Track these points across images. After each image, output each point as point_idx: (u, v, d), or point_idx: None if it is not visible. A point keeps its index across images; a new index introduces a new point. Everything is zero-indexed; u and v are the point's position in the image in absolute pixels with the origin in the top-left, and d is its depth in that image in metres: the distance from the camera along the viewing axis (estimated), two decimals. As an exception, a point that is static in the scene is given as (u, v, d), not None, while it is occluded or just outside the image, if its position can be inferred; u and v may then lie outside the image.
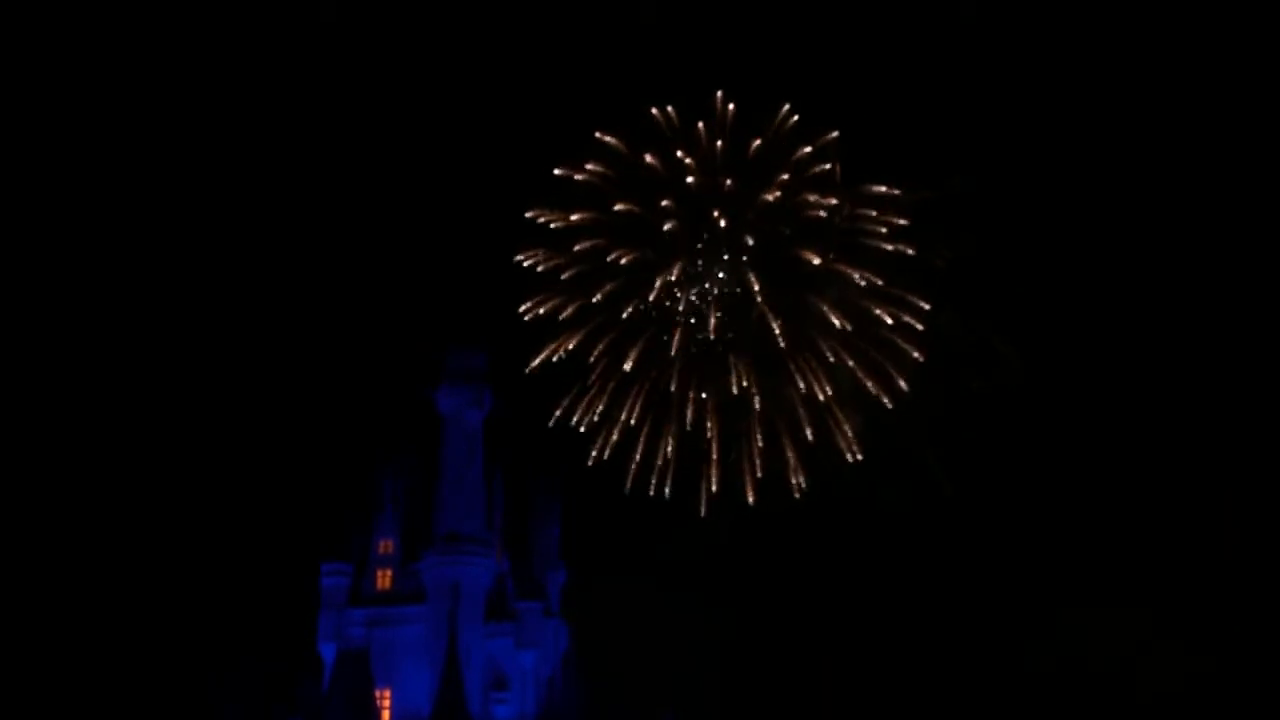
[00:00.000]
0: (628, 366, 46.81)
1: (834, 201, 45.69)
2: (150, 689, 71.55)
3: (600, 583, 74.25)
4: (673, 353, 46.39)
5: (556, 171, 46.87)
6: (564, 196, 47.14)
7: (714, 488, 47.70)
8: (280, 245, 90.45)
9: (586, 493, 69.26)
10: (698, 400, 47.01)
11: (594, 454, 48.89)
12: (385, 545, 72.97)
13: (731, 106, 45.75)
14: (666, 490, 48.26)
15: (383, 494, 73.87)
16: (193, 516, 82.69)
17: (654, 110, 46.13)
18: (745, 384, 46.18)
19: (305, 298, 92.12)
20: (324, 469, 74.68)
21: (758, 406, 46.73)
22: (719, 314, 46.23)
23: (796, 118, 45.77)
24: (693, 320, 46.56)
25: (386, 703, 69.24)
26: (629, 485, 48.66)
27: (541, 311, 47.95)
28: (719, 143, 45.58)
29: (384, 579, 72.37)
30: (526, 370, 49.13)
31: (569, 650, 72.82)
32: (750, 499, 47.71)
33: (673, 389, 46.83)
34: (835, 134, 46.05)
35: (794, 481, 47.62)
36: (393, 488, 74.16)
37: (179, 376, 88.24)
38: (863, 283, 45.78)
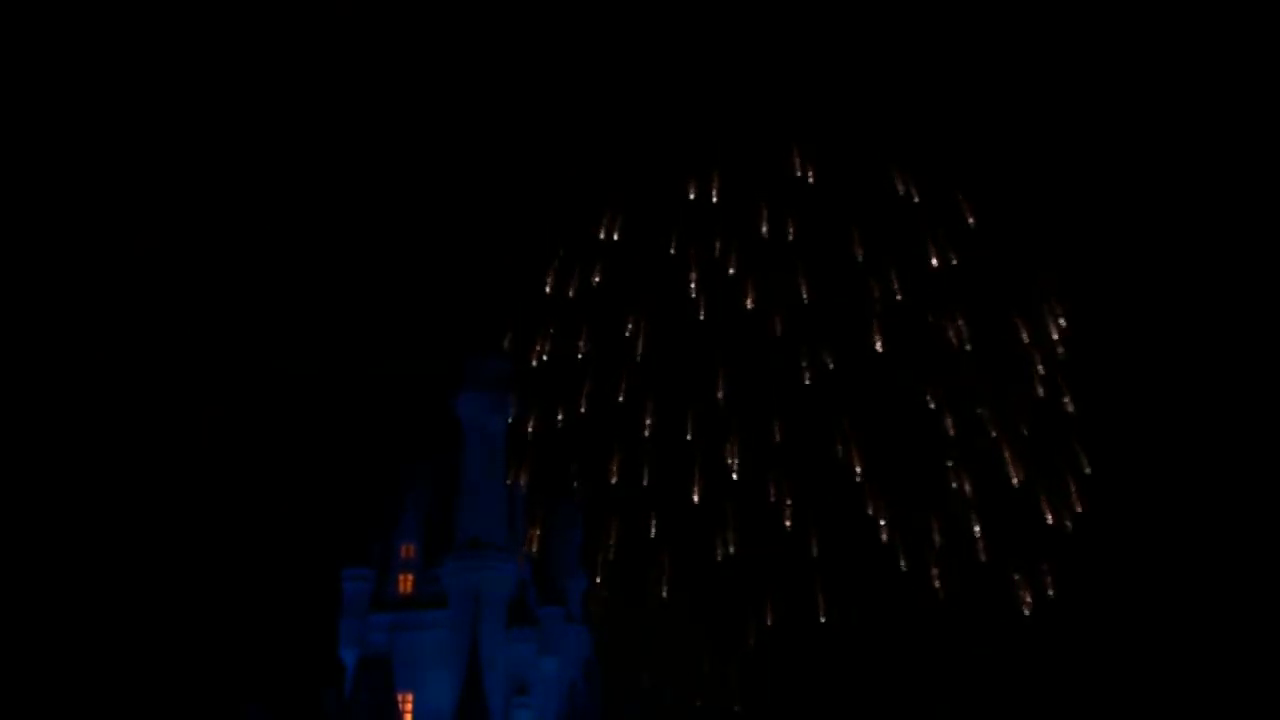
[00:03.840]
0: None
1: (968, 342, 28.13)
2: (172, 694, 71.66)
3: (621, 588, 74.05)
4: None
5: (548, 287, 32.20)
6: (551, 316, 31.25)
7: None
8: (303, 253, 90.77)
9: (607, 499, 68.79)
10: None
11: None
12: (407, 550, 72.99)
13: (811, 175, 26.97)
14: None
15: (404, 499, 73.92)
16: (215, 523, 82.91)
17: (690, 184, 27.84)
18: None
19: (327, 305, 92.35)
20: (345, 474, 74.94)
21: None
22: (791, 502, 29.55)
23: (917, 198, 27.40)
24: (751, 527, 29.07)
25: (408, 707, 69.26)
26: None
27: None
28: (790, 230, 28.67)
29: (405, 584, 72.38)
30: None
31: (590, 656, 72.76)
32: None
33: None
34: (970, 220, 28.50)
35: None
36: (414, 493, 74.23)
37: (200, 386, 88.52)
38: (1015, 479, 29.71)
